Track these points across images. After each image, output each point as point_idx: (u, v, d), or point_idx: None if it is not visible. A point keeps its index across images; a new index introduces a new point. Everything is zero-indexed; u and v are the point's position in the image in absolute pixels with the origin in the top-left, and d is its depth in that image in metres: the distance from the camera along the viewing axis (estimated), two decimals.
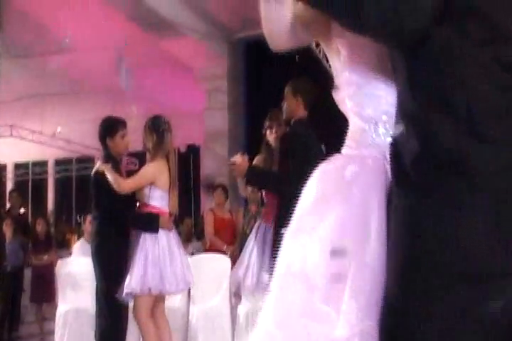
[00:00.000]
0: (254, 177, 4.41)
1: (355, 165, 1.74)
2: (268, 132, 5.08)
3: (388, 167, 1.64)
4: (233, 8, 10.48)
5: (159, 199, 4.92)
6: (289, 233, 1.76)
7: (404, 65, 1.50)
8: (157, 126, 4.88)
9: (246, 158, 4.30)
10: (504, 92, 1.37)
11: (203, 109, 12.97)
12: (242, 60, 12.76)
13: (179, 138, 14.43)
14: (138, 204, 5.01)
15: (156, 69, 12.51)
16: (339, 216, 1.69)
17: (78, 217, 16.44)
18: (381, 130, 1.79)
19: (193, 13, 10.99)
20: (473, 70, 1.39)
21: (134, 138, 5.25)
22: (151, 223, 4.82)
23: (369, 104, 1.81)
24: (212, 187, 9.49)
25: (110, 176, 4.76)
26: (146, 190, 4.90)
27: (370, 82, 1.81)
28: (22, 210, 10.84)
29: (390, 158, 1.58)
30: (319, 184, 1.79)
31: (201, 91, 12.96)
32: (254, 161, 5.24)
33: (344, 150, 1.87)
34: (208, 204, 11.20)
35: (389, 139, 1.69)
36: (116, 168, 4.94)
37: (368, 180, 1.72)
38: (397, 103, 1.57)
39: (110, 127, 5.09)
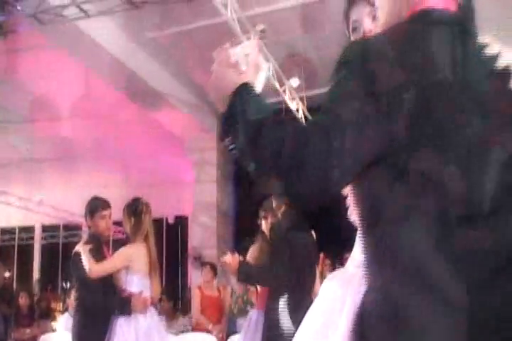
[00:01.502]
0: (244, 275, 4.45)
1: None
2: (263, 222, 5.02)
3: None
4: None
5: (138, 285, 4.76)
6: None
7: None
8: (135, 209, 4.83)
9: (236, 256, 4.39)
10: None
11: (192, 180, 12.91)
12: None
13: (167, 209, 14.45)
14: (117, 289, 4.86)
15: (145, 137, 12.52)
16: None
17: (64, 283, 16.38)
18: None
19: (182, 85, 11.03)
20: None
21: (121, 206, 5.17)
22: (122, 306, 4.66)
23: None
24: (199, 260, 9.42)
25: (84, 259, 4.65)
26: (123, 275, 4.74)
27: None
28: (7, 274, 10.68)
29: None
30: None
31: (190, 162, 12.92)
32: (250, 251, 5.25)
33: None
34: (195, 275, 11.07)
35: None
36: (97, 250, 4.81)
37: None
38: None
39: (90, 207, 5.02)
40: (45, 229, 17.96)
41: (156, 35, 9.95)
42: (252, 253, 5.24)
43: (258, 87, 1.63)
